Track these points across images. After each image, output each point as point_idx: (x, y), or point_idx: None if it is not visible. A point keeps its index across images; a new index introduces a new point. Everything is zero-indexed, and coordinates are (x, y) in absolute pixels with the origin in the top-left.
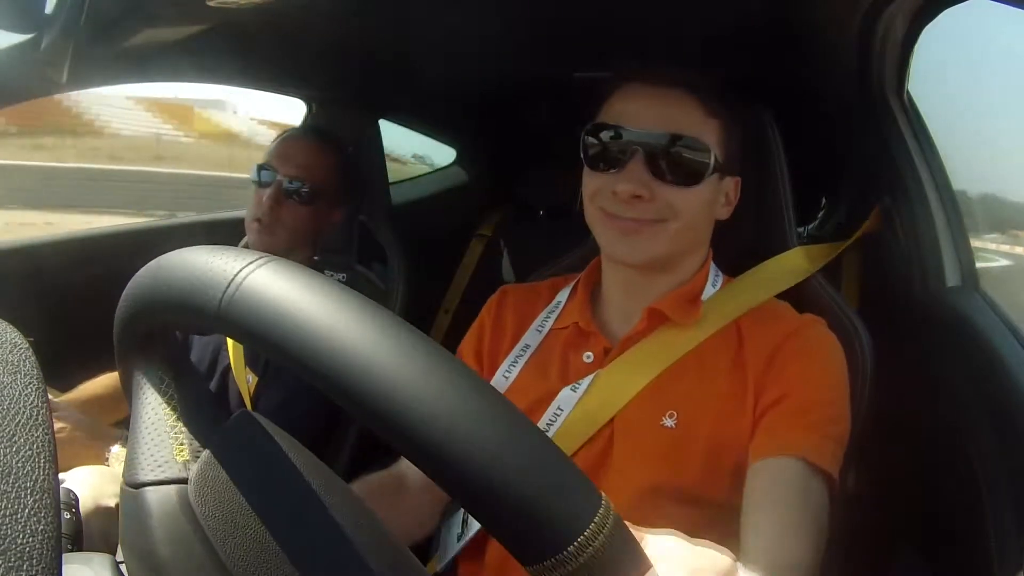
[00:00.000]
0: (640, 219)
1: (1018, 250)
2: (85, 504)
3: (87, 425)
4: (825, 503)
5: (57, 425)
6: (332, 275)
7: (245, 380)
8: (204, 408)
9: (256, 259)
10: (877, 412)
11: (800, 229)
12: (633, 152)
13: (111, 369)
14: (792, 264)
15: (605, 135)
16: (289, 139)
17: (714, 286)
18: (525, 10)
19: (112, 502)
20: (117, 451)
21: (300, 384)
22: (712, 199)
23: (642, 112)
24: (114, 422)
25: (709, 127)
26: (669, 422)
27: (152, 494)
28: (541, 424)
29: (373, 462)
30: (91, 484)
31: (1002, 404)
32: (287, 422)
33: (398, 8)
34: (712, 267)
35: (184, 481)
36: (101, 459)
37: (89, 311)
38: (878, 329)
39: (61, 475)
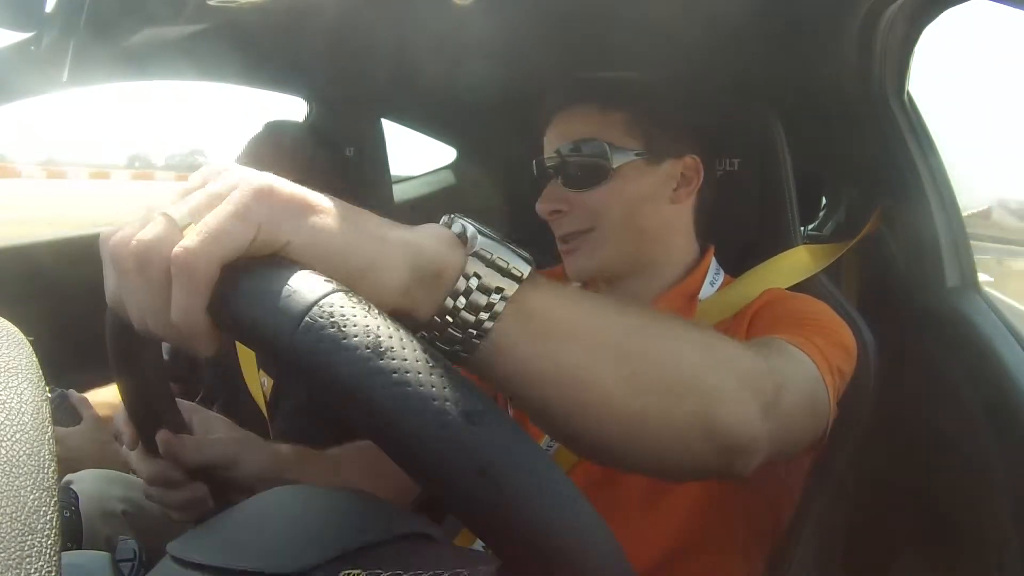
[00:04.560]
0: (574, 233)
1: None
2: (89, 506)
3: (101, 442)
4: (825, 403)
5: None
6: None
7: (260, 385)
8: None
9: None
10: (877, 412)
11: (800, 229)
12: (550, 175)
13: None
14: (796, 261)
15: (536, 169)
16: (248, 143)
17: (713, 285)
18: (525, 10)
19: (118, 507)
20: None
21: None
22: (644, 191)
23: (553, 136)
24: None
25: (609, 122)
26: None
27: None
28: (542, 444)
29: None
30: (97, 486)
31: (1002, 404)
32: (308, 424)
33: (398, 8)
34: (712, 265)
35: None
36: (113, 463)
37: (89, 311)
38: (878, 329)
39: (69, 476)
